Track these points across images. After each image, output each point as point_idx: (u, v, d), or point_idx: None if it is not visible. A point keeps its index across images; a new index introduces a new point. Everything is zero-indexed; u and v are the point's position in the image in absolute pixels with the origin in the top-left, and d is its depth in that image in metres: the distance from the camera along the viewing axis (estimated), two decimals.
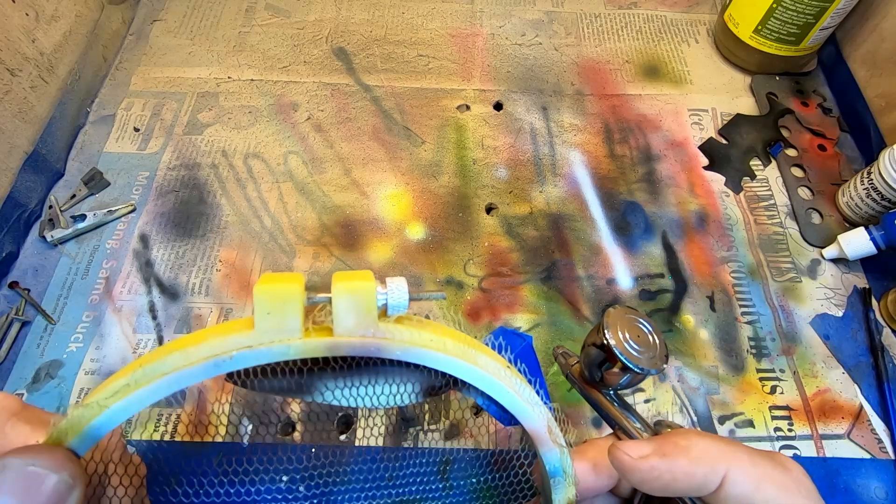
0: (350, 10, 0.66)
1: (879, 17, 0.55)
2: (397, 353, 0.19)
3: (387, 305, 0.19)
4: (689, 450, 0.20)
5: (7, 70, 0.48)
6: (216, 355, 0.18)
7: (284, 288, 0.18)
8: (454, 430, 0.41)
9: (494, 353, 0.23)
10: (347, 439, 0.41)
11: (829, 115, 0.59)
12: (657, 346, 0.27)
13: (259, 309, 0.18)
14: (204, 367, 0.18)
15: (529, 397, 0.22)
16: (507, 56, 0.63)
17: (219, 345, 0.18)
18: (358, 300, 0.18)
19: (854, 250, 0.47)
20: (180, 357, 0.18)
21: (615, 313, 0.27)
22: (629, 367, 0.25)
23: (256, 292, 0.18)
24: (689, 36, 0.66)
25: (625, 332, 0.26)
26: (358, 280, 0.19)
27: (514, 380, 0.22)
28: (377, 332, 0.19)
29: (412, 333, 0.20)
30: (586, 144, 0.56)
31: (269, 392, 0.22)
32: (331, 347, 0.19)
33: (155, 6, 0.66)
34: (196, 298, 0.47)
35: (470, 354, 0.21)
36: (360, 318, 0.19)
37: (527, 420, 0.22)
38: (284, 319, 0.18)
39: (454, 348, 0.20)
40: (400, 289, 0.19)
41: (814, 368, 0.45)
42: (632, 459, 0.21)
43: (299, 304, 0.18)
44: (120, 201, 0.52)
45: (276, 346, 0.18)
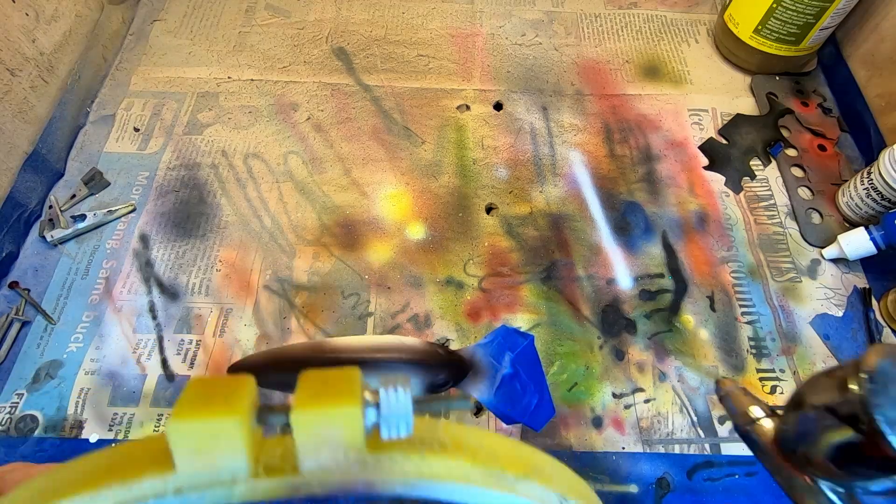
0: (350, 10, 0.66)
1: (879, 17, 0.55)
2: (398, 489, 0.14)
3: (379, 423, 0.13)
4: None
5: (7, 70, 0.48)
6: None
7: (215, 425, 0.12)
8: None
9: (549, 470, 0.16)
10: None
11: (829, 115, 0.59)
12: None
13: (179, 450, 0.13)
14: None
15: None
16: (507, 56, 0.63)
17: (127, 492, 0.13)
18: (331, 432, 0.13)
19: (854, 250, 0.47)
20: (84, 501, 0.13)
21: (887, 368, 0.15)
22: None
23: (172, 430, 0.12)
24: (689, 36, 0.66)
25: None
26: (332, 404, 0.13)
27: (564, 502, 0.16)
28: (365, 468, 0.13)
29: (419, 463, 0.14)
30: (586, 144, 0.56)
31: (268, 389, 0.22)
32: (294, 487, 0.13)
33: (155, 6, 0.66)
34: (196, 298, 0.47)
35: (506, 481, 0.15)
36: (336, 453, 0.13)
37: None
38: (220, 458, 0.13)
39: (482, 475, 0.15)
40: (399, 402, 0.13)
41: (814, 368, 0.45)
42: None
43: (241, 439, 0.13)
44: (120, 201, 0.52)
45: (209, 490, 0.13)
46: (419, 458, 0.14)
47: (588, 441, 0.41)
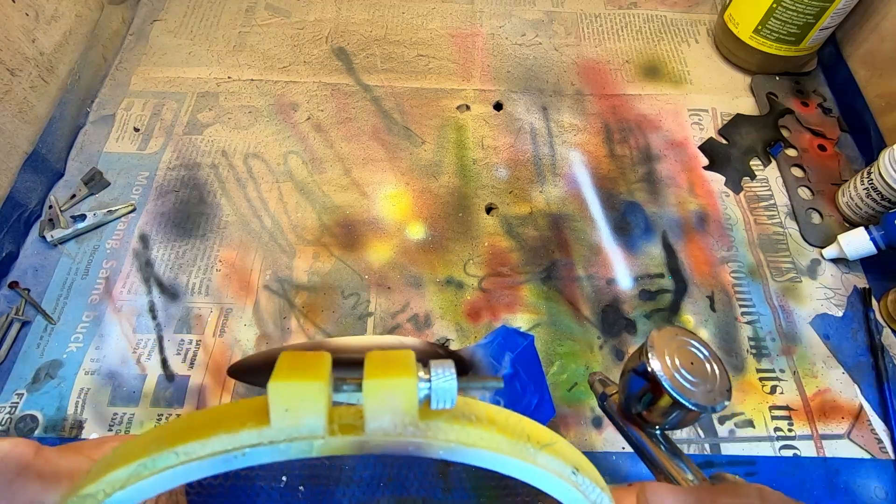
0: (350, 10, 0.66)
1: (879, 17, 0.55)
2: (440, 453, 0.17)
3: (430, 396, 0.16)
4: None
5: (7, 70, 0.48)
6: (226, 451, 0.16)
7: (305, 386, 0.16)
8: None
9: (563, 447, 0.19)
10: None
11: (829, 115, 0.59)
12: (716, 376, 0.21)
13: (276, 405, 0.16)
14: (212, 462, 0.16)
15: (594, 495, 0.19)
16: (507, 56, 0.63)
17: (229, 441, 0.16)
18: (394, 399, 0.16)
19: (854, 250, 0.47)
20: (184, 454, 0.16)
21: (662, 334, 0.22)
22: (679, 401, 0.20)
23: (271, 389, 0.16)
24: (689, 36, 0.66)
25: (674, 358, 0.21)
26: (395, 375, 0.16)
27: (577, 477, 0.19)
28: (417, 431, 0.16)
29: (459, 431, 0.17)
30: (586, 144, 0.56)
31: None
32: (360, 446, 0.16)
33: (155, 6, 0.66)
34: (196, 298, 0.47)
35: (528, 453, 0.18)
36: (396, 417, 0.16)
37: None
38: (305, 418, 0.16)
39: (509, 446, 0.18)
40: (447, 379, 0.16)
41: (814, 368, 0.45)
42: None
43: (323, 402, 0.16)
44: (120, 201, 0.52)
45: (294, 443, 0.16)
46: (460, 427, 0.17)
47: (588, 441, 0.41)
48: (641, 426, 0.23)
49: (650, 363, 0.21)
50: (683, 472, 0.22)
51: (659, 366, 0.21)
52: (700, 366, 0.22)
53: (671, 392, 0.21)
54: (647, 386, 0.22)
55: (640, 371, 0.22)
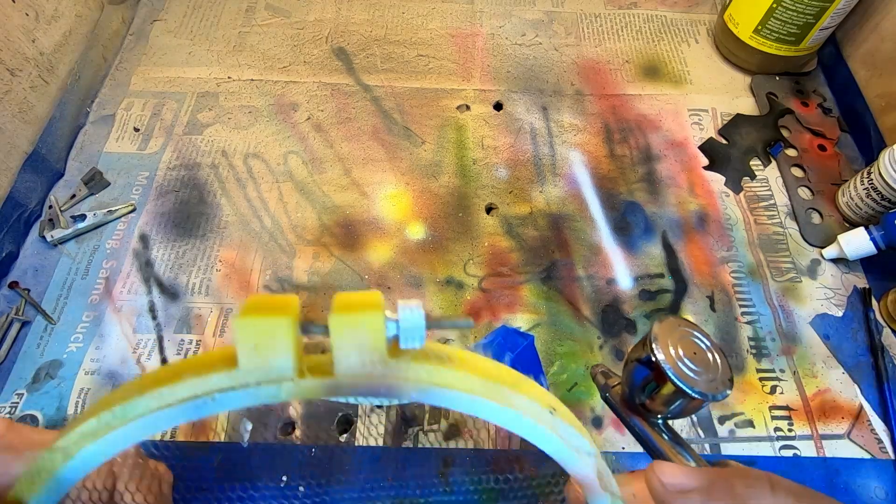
0: (350, 10, 0.66)
1: (879, 17, 0.55)
2: (413, 395, 0.16)
3: (398, 335, 0.16)
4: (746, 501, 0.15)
5: (7, 70, 0.48)
6: (196, 396, 0.15)
7: (272, 322, 0.15)
8: (454, 430, 0.41)
9: (537, 389, 0.19)
10: (347, 439, 0.41)
11: (829, 115, 0.59)
12: (718, 366, 0.22)
13: (243, 344, 0.15)
14: (182, 410, 0.16)
15: (578, 443, 0.19)
16: (507, 56, 0.63)
17: (198, 385, 0.16)
18: (362, 335, 0.16)
19: (854, 250, 0.47)
20: (154, 399, 0.16)
21: (665, 324, 0.22)
22: (682, 389, 0.21)
23: (238, 325, 0.15)
24: (689, 36, 0.66)
25: (677, 348, 0.21)
26: (361, 311, 0.15)
27: (559, 424, 0.19)
28: (387, 371, 0.16)
29: (431, 371, 0.17)
30: (586, 144, 0.56)
31: None
32: (331, 389, 0.16)
33: (155, 6, 0.66)
34: (196, 298, 0.47)
35: (503, 394, 0.17)
36: (365, 355, 0.16)
37: (574, 467, 0.19)
38: (273, 357, 0.15)
39: (483, 387, 0.17)
40: (414, 316, 0.16)
41: (814, 368, 0.45)
42: (665, 490, 0.17)
43: (291, 339, 0.15)
44: (120, 201, 0.52)
45: (264, 387, 0.16)
46: (432, 367, 0.17)
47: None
48: (644, 416, 0.23)
49: (654, 353, 0.21)
50: (686, 460, 0.22)
51: (663, 355, 0.21)
52: (702, 355, 0.22)
53: (675, 380, 0.21)
54: (650, 375, 0.22)
55: (643, 361, 0.22)
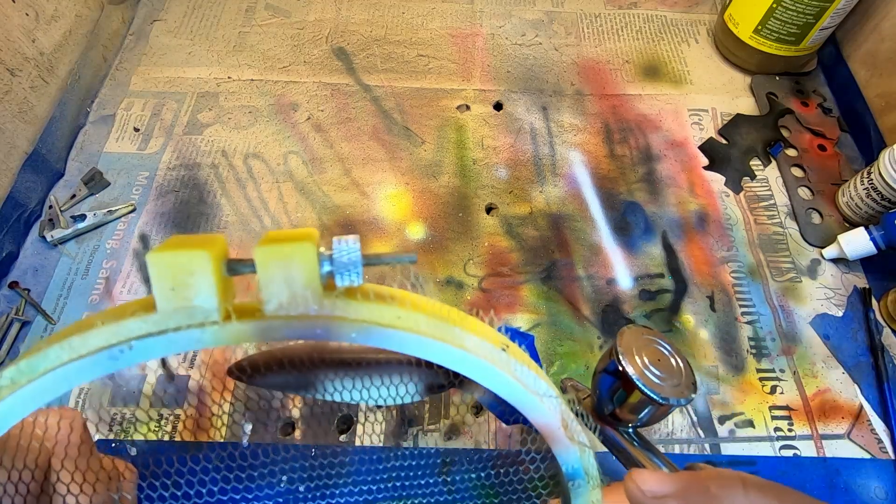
0: (350, 10, 0.66)
1: (879, 17, 0.55)
2: (353, 336, 0.15)
3: (333, 272, 0.14)
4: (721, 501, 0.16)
5: (7, 70, 0.48)
6: (111, 345, 0.14)
7: (190, 257, 0.13)
8: (454, 430, 0.41)
9: (488, 330, 0.18)
10: (347, 439, 0.41)
11: (829, 115, 0.59)
12: (681, 371, 0.22)
13: (159, 284, 0.14)
14: (96, 361, 0.14)
15: (536, 385, 0.18)
16: (507, 56, 0.63)
17: (113, 332, 0.14)
18: (293, 269, 0.14)
19: (854, 250, 0.47)
20: (65, 349, 0.14)
21: (630, 333, 0.23)
22: (650, 396, 0.21)
23: (152, 262, 0.14)
24: (689, 36, 0.66)
25: (643, 357, 0.22)
26: (290, 241, 0.14)
27: (514, 364, 0.17)
28: (322, 310, 0.14)
29: (372, 310, 0.15)
30: (586, 144, 0.56)
31: (270, 388, 0.22)
32: (260, 332, 0.14)
33: (155, 6, 0.66)
34: None
35: (453, 334, 0.16)
36: (296, 291, 0.14)
37: (535, 414, 0.18)
38: (194, 297, 0.14)
39: (430, 327, 0.16)
40: (350, 249, 0.14)
41: (814, 368, 0.45)
42: (643, 496, 0.17)
43: (213, 277, 0.14)
44: (120, 201, 0.52)
45: (185, 331, 0.14)
46: (372, 305, 0.15)
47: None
48: (615, 426, 0.24)
49: (621, 363, 0.22)
50: (659, 467, 0.22)
51: (629, 365, 0.22)
52: (666, 362, 0.22)
53: (642, 388, 0.21)
54: (618, 384, 0.22)
55: (610, 370, 0.22)
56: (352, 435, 0.41)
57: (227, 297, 0.15)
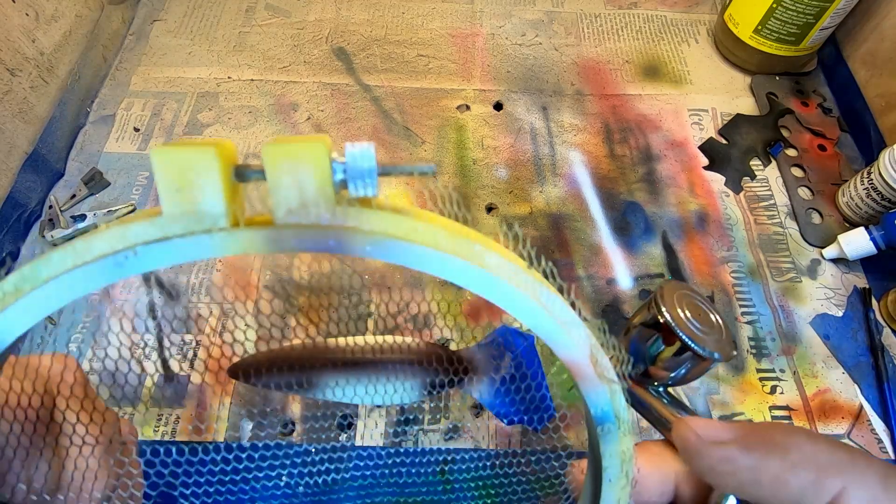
0: (350, 10, 0.66)
1: (879, 17, 0.55)
2: (367, 249, 0.14)
3: (346, 181, 0.13)
4: (787, 449, 0.15)
5: (7, 70, 0.48)
6: (115, 251, 0.13)
7: (196, 155, 0.13)
8: (454, 430, 0.41)
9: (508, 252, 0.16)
10: (347, 439, 0.41)
11: (829, 115, 0.59)
12: (721, 329, 0.21)
13: (165, 184, 0.13)
14: (101, 267, 0.13)
15: (563, 314, 0.16)
16: (507, 56, 0.63)
17: (118, 237, 0.13)
18: (304, 171, 0.13)
19: (854, 250, 0.47)
20: (69, 254, 0.13)
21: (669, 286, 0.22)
22: (692, 347, 0.20)
23: (156, 158, 0.13)
24: (689, 36, 0.66)
25: (684, 309, 0.21)
26: (303, 142, 0.13)
27: (539, 288, 0.16)
28: (335, 219, 0.14)
29: (387, 220, 0.14)
30: (586, 144, 0.56)
31: (269, 389, 0.22)
32: (270, 241, 0.14)
33: (155, 6, 0.66)
34: (196, 298, 0.47)
35: (473, 251, 0.15)
36: (307, 196, 0.13)
37: (562, 347, 0.16)
38: (201, 201, 0.13)
39: (449, 242, 0.15)
40: (364, 156, 0.13)
41: (814, 368, 0.45)
42: (700, 441, 0.16)
43: (220, 179, 0.13)
44: (120, 201, 0.52)
45: (191, 237, 0.13)
46: (388, 215, 0.14)
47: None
48: (645, 385, 0.23)
49: (663, 313, 0.21)
50: None
51: (671, 315, 0.20)
52: (706, 317, 0.21)
53: (684, 339, 0.20)
54: (656, 337, 0.21)
55: (650, 323, 0.21)
56: (352, 435, 0.41)
57: (237, 203, 0.14)
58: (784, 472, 0.14)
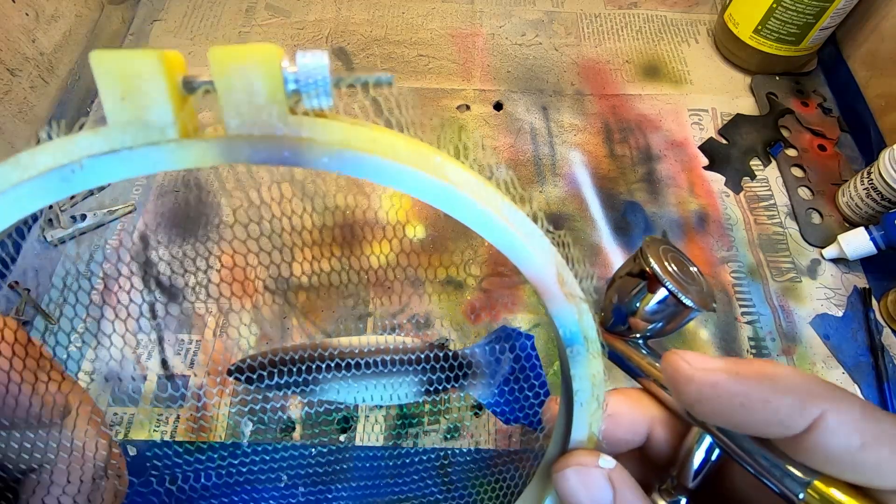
0: (350, 10, 0.66)
1: (879, 17, 0.55)
2: (324, 161, 0.14)
3: (299, 90, 0.13)
4: (774, 378, 0.15)
5: (7, 70, 0.48)
6: (60, 165, 0.13)
7: (138, 61, 0.12)
8: (454, 430, 0.41)
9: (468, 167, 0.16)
10: (347, 439, 0.41)
11: (829, 115, 0.59)
12: (703, 283, 0.22)
13: (107, 93, 0.12)
14: (47, 182, 0.13)
15: (526, 227, 0.16)
16: (507, 56, 0.63)
17: (62, 151, 0.13)
18: (254, 76, 0.12)
19: (854, 250, 0.47)
20: (13, 167, 0.13)
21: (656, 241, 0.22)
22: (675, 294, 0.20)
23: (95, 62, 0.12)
24: (689, 36, 0.66)
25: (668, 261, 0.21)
26: (252, 52, 0.12)
27: (501, 202, 0.16)
28: (289, 129, 0.13)
29: (343, 130, 0.14)
30: (586, 144, 0.56)
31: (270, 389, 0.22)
32: (223, 152, 0.13)
33: (155, 6, 0.66)
34: (196, 298, 0.47)
35: (433, 162, 0.15)
36: (259, 105, 0.13)
37: (527, 264, 0.16)
38: (148, 108, 0.12)
39: (408, 153, 0.14)
40: (317, 63, 0.12)
41: (814, 368, 0.45)
42: (690, 368, 0.16)
43: (167, 84, 0.12)
44: (120, 201, 0.52)
45: (139, 149, 0.13)
46: (344, 125, 0.14)
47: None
48: (625, 336, 0.23)
49: (647, 261, 0.21)
50: None
51: (655, 263, 0.21)
52: (688, 271, 0.22)
53: (668, 285, 0.20)
54: (640, 286, 0.21)
55: (635, 272, 0.22)
56: (352, 435, 0.41)
57: (186, 114, 0.13)
58: (771, 396, 0.15)
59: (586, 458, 0.17)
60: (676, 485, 0.18)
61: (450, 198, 0.15)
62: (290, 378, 0.23)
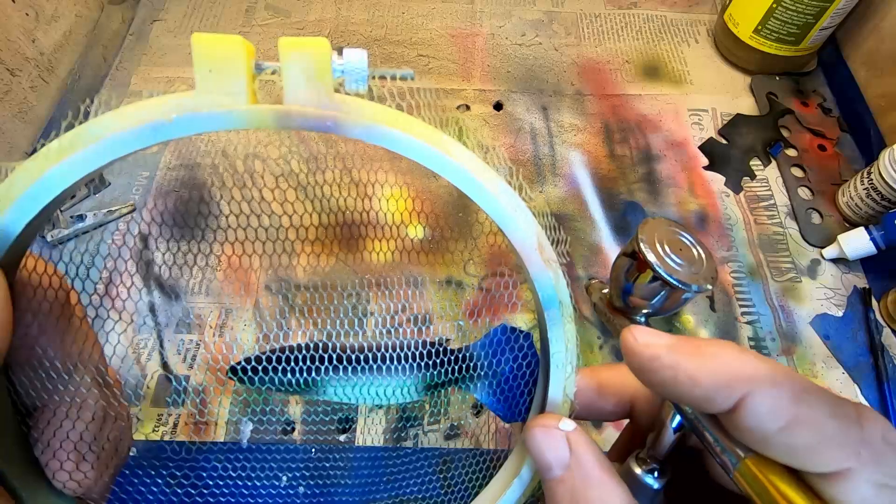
0: (350, 10, 0.66)
1: (879, 17, 0.55)
2: (357, 132, 0.17)
3: (344, 77, 0.17)
4: (709, 356, 0.16)
5: (7, 70, 0.48)
6: (154, 119, 0.16)
7: (228, 42, 0.16)
8: (454, 430, 0.41)
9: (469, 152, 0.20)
10: (347, 439, 0.41)
11: (829, 115, 0.59)
12: (703, 262, 0.22)
13: (200, 65, 0.16)
14: (140, 131, 0.16)
15: (512, 201, 0.19)
16: (507, 56, 0.63)
17: (158, 107, 0.16)
18: (310, 64, 0.17)
19: (854, 250, 0.47)
20: (114, 119, 0.16)
21: (653, 222, 0.23)
22: (661, 275, 0.21)
23: (196, 43, 0.16)
24: (689, 36, 0.66)
25: (663, 244, 0.22)
26: (310, 44, 0.16)
27: (494, 178, 0.19)
28: (332, 105, 0.17)
29: (375, 109, 0.18)
30: (586, 144, 0.56)
31: (270, 389, 0.22)
32: (280, 117, 0.17)
33: (155, 6, 0.66)
34: (196, 298, 0.47)
35: (442, 140, 0.19)
36: (312, 85, 0.17)
37: (511, 230, 0.19)
38: (228, 80, 0.16)
39: (424, 131, 0.18)
40: (358, 58, 0.17)
41: (814, 368, 0.45)
42: (635, 342, 0.18)
43: (244, 63, 0.17)
44: (120, 201, 0.52)
45: (217, 111, 0.16)
46: (376, 105, 0.18)
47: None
48: (628, 314, 0.24)
49: (638, 243, 0.22)
50: None
51: (646, 245, 0.22)
52: (688, 252, 0.22)
53: (655, 268, 0.21)
54: (633, 265, 0.22)
55: (628, 252, 0.23)
56: (352, 435, 0.41)
57: (253, 83, 0.17)
58: (698, 374, 0.16)
59: (550, 420, 0.19)
60: (651, 454, 0.19)
61: (452, 168, 0.18)
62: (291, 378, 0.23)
